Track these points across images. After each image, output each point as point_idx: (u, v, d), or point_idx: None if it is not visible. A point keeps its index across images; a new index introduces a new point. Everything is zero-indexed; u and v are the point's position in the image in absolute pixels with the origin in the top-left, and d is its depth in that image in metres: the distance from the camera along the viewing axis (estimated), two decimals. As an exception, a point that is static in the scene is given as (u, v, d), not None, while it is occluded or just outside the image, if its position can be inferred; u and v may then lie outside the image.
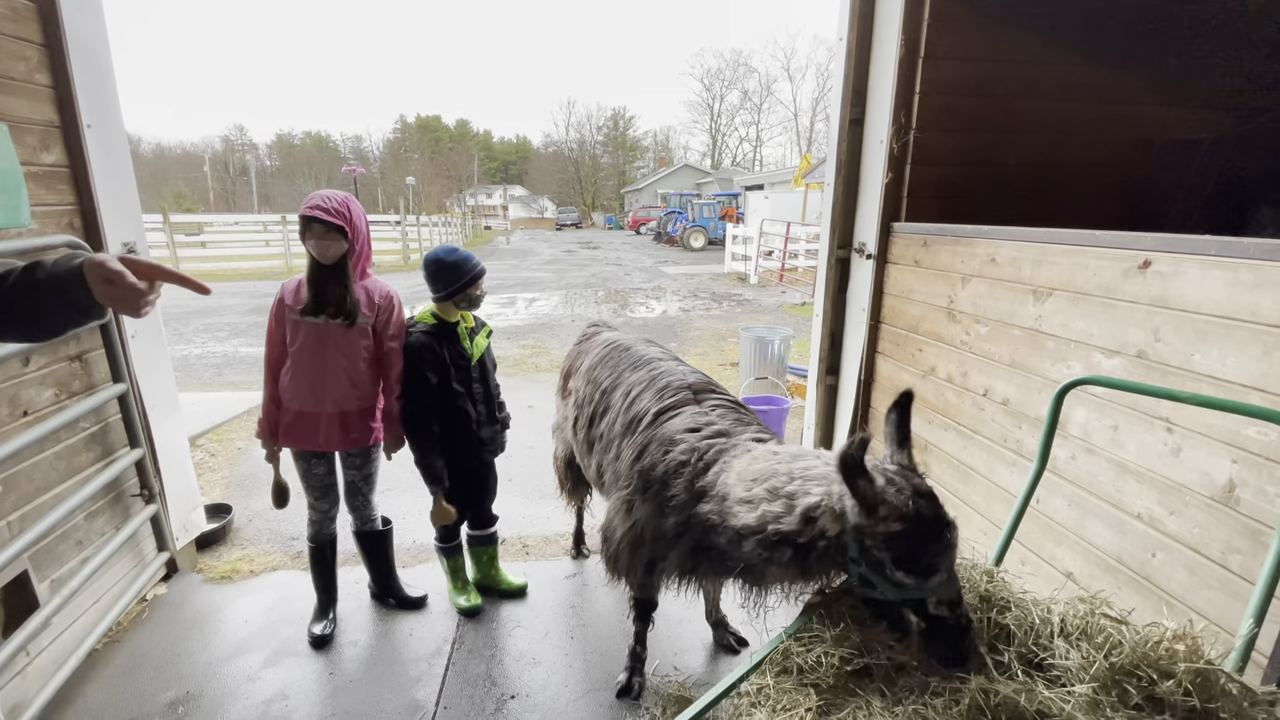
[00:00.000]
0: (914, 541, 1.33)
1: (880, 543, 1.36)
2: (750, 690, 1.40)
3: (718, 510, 1.68)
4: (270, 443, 2.61)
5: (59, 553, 2.51)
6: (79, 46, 2.65)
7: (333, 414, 2.54)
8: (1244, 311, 1.64)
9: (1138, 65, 3.19)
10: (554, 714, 2.32)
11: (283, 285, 2.54)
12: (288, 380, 2.53)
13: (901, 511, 1.34)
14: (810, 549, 1.48)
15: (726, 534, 1.65)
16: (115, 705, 2.37)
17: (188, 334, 9.52)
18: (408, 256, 20.24)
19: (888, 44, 3.08)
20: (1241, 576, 1.66)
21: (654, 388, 2.12)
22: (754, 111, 63.17)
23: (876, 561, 1.37)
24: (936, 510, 1.37)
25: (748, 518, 1.58)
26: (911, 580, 1.33)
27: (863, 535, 1.39)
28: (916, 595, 1.34)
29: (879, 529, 1.36)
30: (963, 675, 1.25)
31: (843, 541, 1.43)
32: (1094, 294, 2.07)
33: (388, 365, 2.60)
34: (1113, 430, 2.00)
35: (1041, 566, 2.30)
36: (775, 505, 1.54)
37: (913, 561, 1.33)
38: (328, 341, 2.49)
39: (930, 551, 1.33)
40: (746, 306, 12.24)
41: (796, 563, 1.52)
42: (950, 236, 2.77)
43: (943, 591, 1.33)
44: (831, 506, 1.46)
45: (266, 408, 2.57)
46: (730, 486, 1.67)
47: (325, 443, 2.57)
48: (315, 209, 2.34)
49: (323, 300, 2.45)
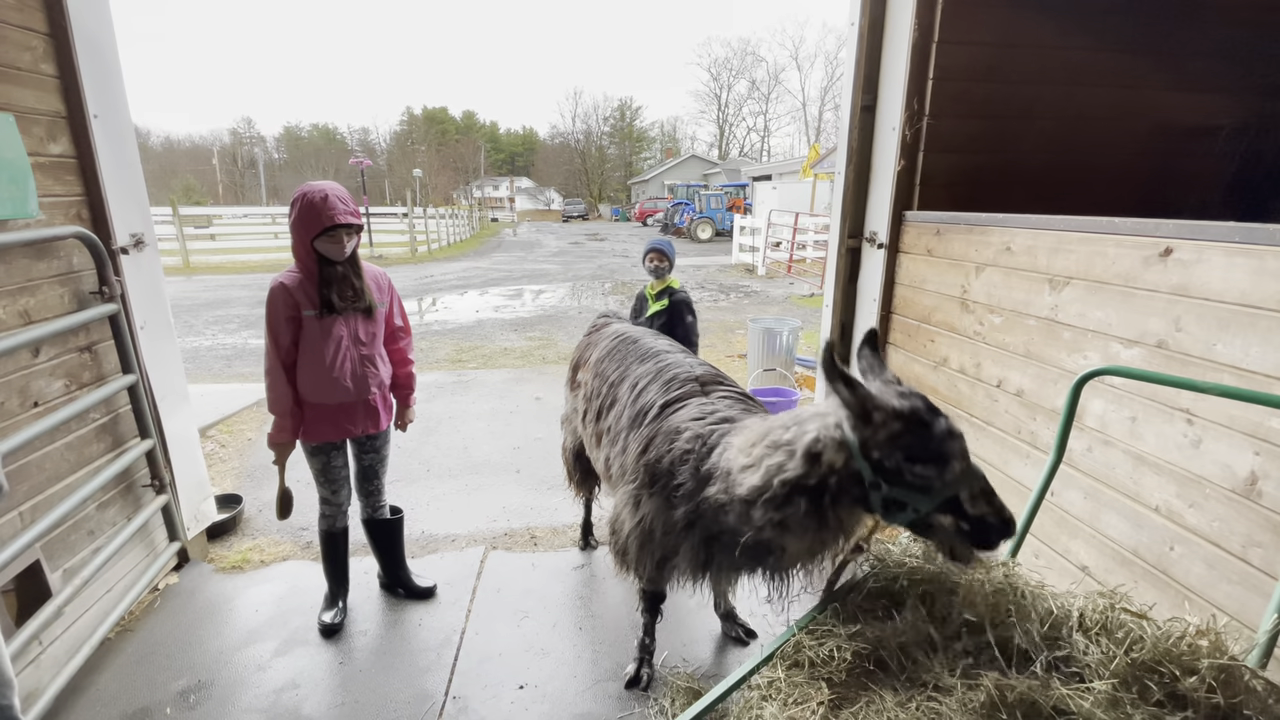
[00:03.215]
0: (919, 433, 1.33)
1: (887, 446, 1.35)
2: (761, 683, 1.39)
3: (724, 488, 1.65)
4: (289, 446, 2.56)
5: (71, 542, 2.53)
6: (85, 36, 2.63)
7: (374, 398, 2.62)
8: (1270, 300, 1.60)
9: (1156, 49, 3.12)
10: (563, 704, 2.32)
11: (282, 288, 2.41)
12: (315, 376, 2.48)
13: (895, 408, 1.35)
14: (824, 491, 1.44)
15: (735, 509, 1.62)
16: (127, 693, 2.38)
17: (198, 326, 9.57)
18: (415, 249, 20.24)
19: (900, 28, 3.02)
20: (1263, 571, 1.63)
21: (661, 380, 2.10)
22: (762, 101, 62.69)
23: (894, 471, 1.36)
24: (929, 403, 1.38)
25: (753, 479, 1.54)
26: (933, 472, 1.32)
27: (868, 449, 1.37)
28: (947, 492, 1.33)
29: (880, 435, 1.35)
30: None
31: (853, 469, 1.41)
32: (1113, 283, 2.03)
33: (399, 339, 2.74)
34: (1131, 422, 1.96)
35: (1056, 560, 2.27)
36: (777, 456, 1.51)
37: (926, 452, 1.33)
38: (358, 333, 2.54)
39: (938, 439, 1.33)
40: (754, 298, 12.17)
41: (814, 515, 1.47)
42: (964, 225, 2.72)
43: (969, 482, 1.33)
44: (831, 435, 1.43)
45: (287, 409, 2.49)
46: (732, 460, 1.65)
47: (364, 427, 2.63)
48: (345, 214, 2.34)
49: (344, 295, 2.47)
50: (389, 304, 2.67)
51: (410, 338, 2.82)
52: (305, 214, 2.33)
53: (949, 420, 1.36)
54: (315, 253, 2.40)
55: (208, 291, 12.87)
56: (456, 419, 5.35)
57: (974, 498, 1.33)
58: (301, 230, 2.35)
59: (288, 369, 2.49)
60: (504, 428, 5.14)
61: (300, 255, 2.43)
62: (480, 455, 4.60)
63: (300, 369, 2.49)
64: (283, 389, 2.48)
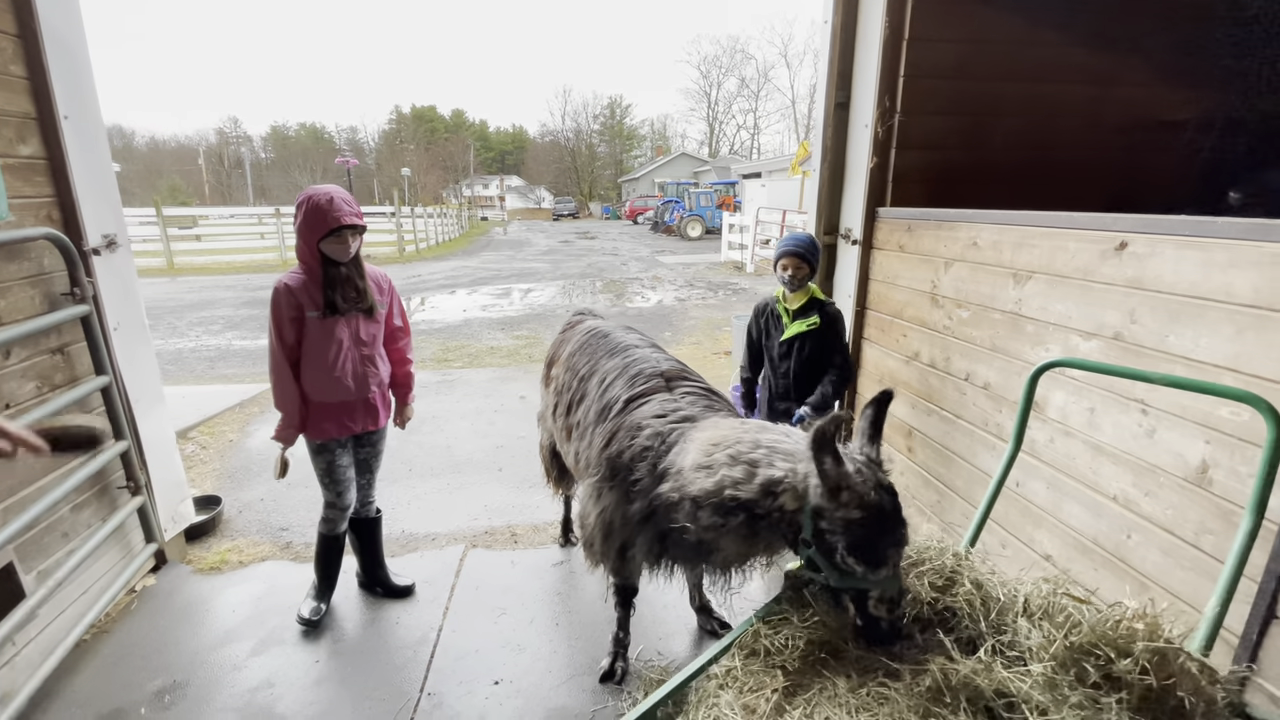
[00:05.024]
0: (871, 531, 1.35)
1: (838, 527, 1.37)
2: (719, 672, 1.41)
3: (676, 486, 1.69)
4: (292, 441, 2.59)
5: (45, 544, 2.52)
6: (54, 37, 2.62)
7: (374, 396, 2.67)
8: (1217, 292, 1.64)
9: (1124, 45, 3.16)
10: (537, 699, 2.33)
11: (286, 289, 2.44)
12: (317, 375, 2.52)
13: (864, 499, 1.36)
14: (763, 519, 1.51)
15: (684, 508, 1.66)
16: (103, 695, 2.38)
17: (181, 327, 9.51)
18: (402, 249, 20.16)
19: (872, 25, 3.05)
20: (1214, 557, 1.67)
21: (626, 375, 2.12)
22: (752, 99, 62.70)
23: (829, 546, 1.39)
24: (896, 505, 1.39)
25: (705, 482, 1.59)
26: (860, 569, 1.35)
27: (820, 517, 1.40)
28: (860, 585, 1.36)
29: (839, 514, 1.37)
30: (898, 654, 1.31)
31: (798, 521, 1.44)
32: (1072, 276, 2.06)
33: (399, 338, 2.79)
34: (1089, 412, 2.00)
35: (1022, 550, 2.30)
36: (735, 470, 1.55)
37: (866, 550, 1.35)
38: (359, 333, 2.58)
39: (884, 543, 1.35)
40: (742, 295, 12.21)
41: (748, 527, 1.54)
42: (934, 221, 2.76)
43: (886, 586, 1.35)
44: (795, 485, 1.47)
45: (294, 406, 2.52)
46: (689, 458, 1.68)
47: (364, 424, 2.67)
48: (351, 216, 2.38)
49: (347, 296, 2.51)
50: (389, 304, 2.72)
51: (409, 337, 2.87)
52: (312, 216, 2.36)
53: (903, 531, 1.38)
54: (320, 254, 2.44)
55: (192, 293, 12.77)
56: (440, 418, 5.35)
57: (880, 601, 1.36)
58: (308, 232, 2.39)
59: (292, 367, 2.53)
60: (488, 426, 5.15)
61: (305, 257, 2.46)
62: (463, 454, 4.61)
63: (303, 368, 2.53)
64: (288, 386, 2.52)
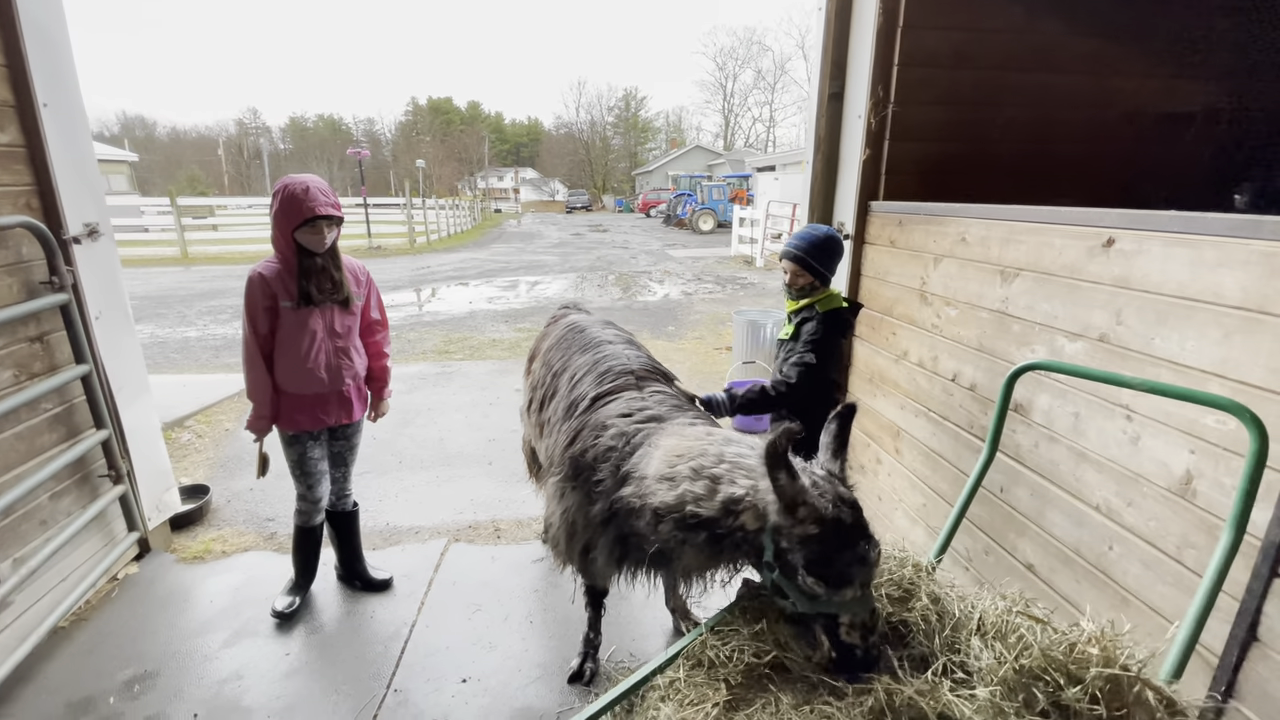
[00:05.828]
0: (829, 547, 1.27)
1: (795, 544, 1.30)
2: (662, 683, 1.36)
3: (637, 491, 1.62)
4: (265, 432, 2.58)
5: (22, 532, 2.53)
6: (32, 23, 2.60)
7: (348, 389, 2.64)
8: (1206, 292, 1.54)
9: (1127, 33, 3.03)
10: (503, 698, 2.30)
11: (260, 278, 2.43)
12: (290, 366, 2.50)
13: (820, 514, 1.28)
14: (725, 538, 1.43)
15: (645, 516, 1.59)
16: (74, 682, 2.39)
17: (190, 316, 9.60)
18: (413, 240, 20.22)
19: (866, 11, 2.95)
20: (1196, 572, 1.58)
21: (595, 372, 2.06)
22: (767, 91, 62.14)
23: (790, 566, 1.31)
24: (857, 519, 1.31)
25: (667, 496, 1.52)
26: (823, 590, 1.26)
27: (780, 536, 1.32)
28: (827, 609, 1.28)
29: (795, 530, 1.29)
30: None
31: (760, 542, 1.37)
32: (1059, 274, 1.97)
33: (376, 331, 2.77)
34: (1074, 418, 1.91)
35: (1004, 558, 2.22)
36: (697, 485, 1.48)
37: (825, 567, 1.26)
38: (334, 324, 2.55)
39: (844, 560, 1.26)
40: (750, 290, 12.09)
41: (710, 545, 1.47)
42: (924, 215, 2.66)
43: (855, 609, 1.26)
44: (755, 503, 1.39)
45: (266, 397, 2.51)
46: (652, 464, 1.61)
47: (337, 417, 2.64)
48: (326, 206, 2.35)
49: (322, 287, 2.48)
50: (366, 297, 2.69)
51: (387, 331, 2.83)
52: (287, 205, 2.33)
53: (868, 546, 1.28)
54: (295, 244, 2.40)
55: (204, 282, 12.90)
56: (435, 410, 5.33)
57: (852, 627, 1.27)
58: (283, 221, 2.36)
59: (265, 358, 2.51)
60: (482, 419, 5.12)
61: (280, 246, 2.44)
62: (455, 447, 4.59)
63: (276, 359, 2.51)
64: (260, 376, 2.51)
